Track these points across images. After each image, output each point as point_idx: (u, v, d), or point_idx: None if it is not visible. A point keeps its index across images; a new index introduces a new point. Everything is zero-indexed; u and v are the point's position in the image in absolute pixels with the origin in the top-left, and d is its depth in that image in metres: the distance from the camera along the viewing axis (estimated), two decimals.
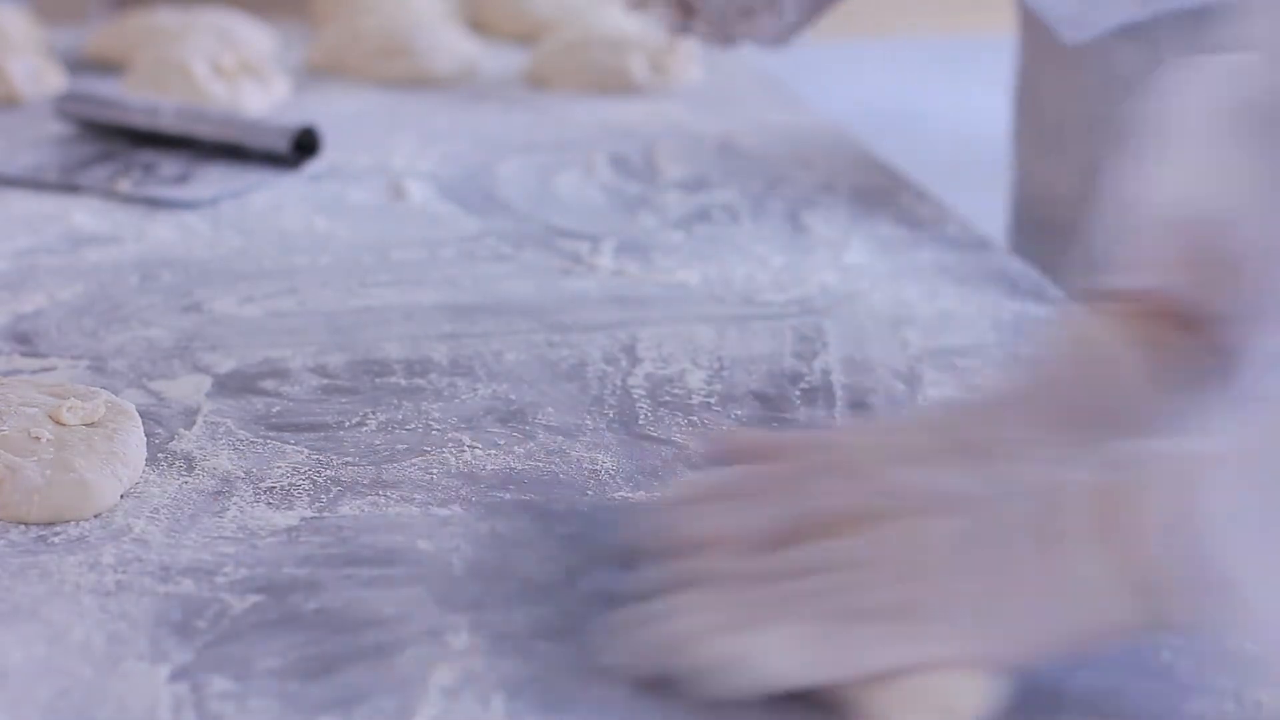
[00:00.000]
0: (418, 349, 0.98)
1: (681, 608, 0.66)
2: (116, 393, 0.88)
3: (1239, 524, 0.61)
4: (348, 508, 0.79)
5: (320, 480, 0.82)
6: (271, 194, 1.28)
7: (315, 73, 1.68)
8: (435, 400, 0.91)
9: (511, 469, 0.83)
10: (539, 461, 0.84)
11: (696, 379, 0.95)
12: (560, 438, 0.87)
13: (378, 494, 0.80)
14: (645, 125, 1.51)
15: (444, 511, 0.79)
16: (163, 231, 1.19)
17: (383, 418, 0.89)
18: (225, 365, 0.95)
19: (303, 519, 0.78)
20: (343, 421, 0.88)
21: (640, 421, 0.90)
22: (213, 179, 1.31)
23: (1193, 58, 0.85)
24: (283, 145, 1.34)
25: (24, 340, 0.99)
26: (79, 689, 0.64)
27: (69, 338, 0.99)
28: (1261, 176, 0.81)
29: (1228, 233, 0.81)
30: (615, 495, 0.82)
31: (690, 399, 0.93)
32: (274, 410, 0.90)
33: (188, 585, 0.72)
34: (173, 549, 0.75)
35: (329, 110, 1.51)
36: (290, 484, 0.81)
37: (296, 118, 1.40)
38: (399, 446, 0.86)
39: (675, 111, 1.57)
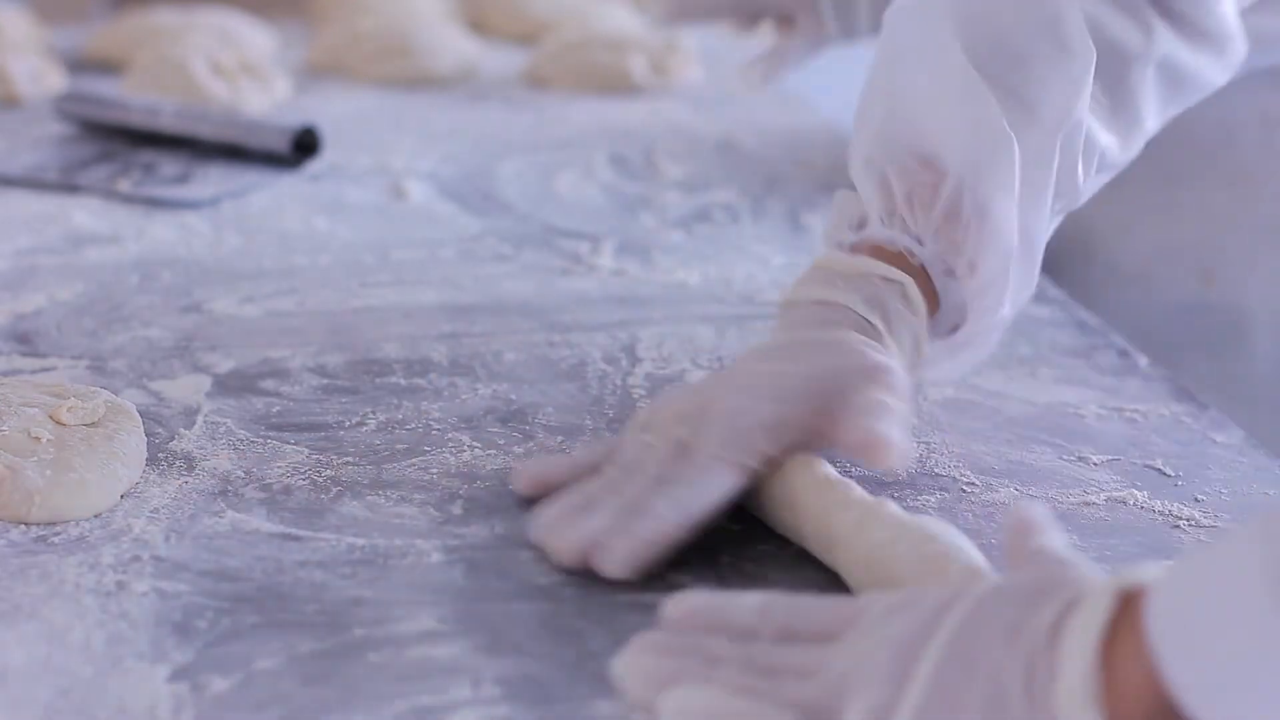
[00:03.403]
0: (417, 349, 0.98)
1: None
2: (116, 393, 0.88)
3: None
4: (348, 508, 0.79)
5: (320, 480, 0.82)
6: (271, 194, 1.28)
7: (315, 73, 1.69)
8: (435, 400, 0.91)
9: (511, 469, 0.83)
10: None
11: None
12: (560, 438, 0.87)
13: (378, 494, 0.80)
14: (645, 125, 1.51)
15: (443, 512, 0.79)
16: (163, 231, 1.19)
17: (383, 418, 0.89)
18: (225, 365, 0.95)
19: (303, 519, 0.78)
20: (343, 421, 0.88)
21: None
22: (213, 179, 1.31)
23: None
24: (283, 145, 1.34)
25: (24, 340, 0.99)
26: (79, 689, 0.64)
27: (69, 338, 0.99)
28: (988, 127, 0.81)
29: (948, 181, 0.81)
30: None
31: None
32: (274, 410, 0.89)
33: (187, 585, 0.72)
34: (173, 549, 0.75)
35: (329, 110, 1.51)
36: (290, 484, 0.81)
37: (296, 118, 1.40)
38: (399, 446, 0.85)
39: (675, 111, 1.57)
